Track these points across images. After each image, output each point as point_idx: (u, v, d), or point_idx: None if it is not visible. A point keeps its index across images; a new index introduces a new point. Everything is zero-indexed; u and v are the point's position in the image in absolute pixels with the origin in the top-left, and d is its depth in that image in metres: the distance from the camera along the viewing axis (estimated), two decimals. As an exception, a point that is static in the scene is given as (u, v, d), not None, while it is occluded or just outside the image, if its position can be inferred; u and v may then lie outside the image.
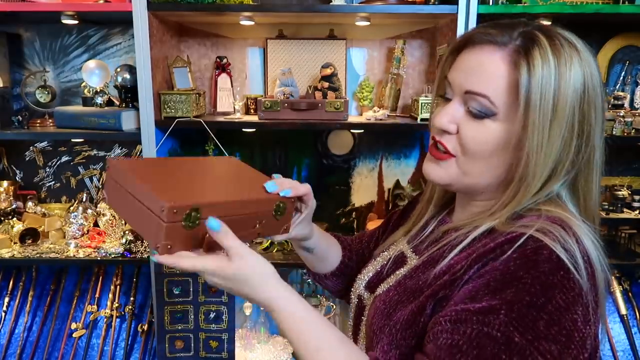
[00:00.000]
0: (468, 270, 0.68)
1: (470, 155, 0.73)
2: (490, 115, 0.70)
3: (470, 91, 0.71)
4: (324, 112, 1.68)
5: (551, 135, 0.68)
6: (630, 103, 1.90)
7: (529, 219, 0.69)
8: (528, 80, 0.67)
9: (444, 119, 0.74)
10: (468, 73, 0.73)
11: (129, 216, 0.76)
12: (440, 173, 0.78)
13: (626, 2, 1.60)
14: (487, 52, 0.71)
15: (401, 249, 0.89)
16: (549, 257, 0.63)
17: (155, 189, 0.69)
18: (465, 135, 0.73)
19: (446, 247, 0.76)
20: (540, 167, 0.69)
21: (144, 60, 1.59)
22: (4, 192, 1.95)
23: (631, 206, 1.90)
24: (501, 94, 0.69)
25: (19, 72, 1.96)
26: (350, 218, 2.05)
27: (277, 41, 1.89)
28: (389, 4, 1.62)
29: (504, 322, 0.61)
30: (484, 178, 0.75)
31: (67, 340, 1.93)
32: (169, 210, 0.65)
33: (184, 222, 0.68)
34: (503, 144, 0.71)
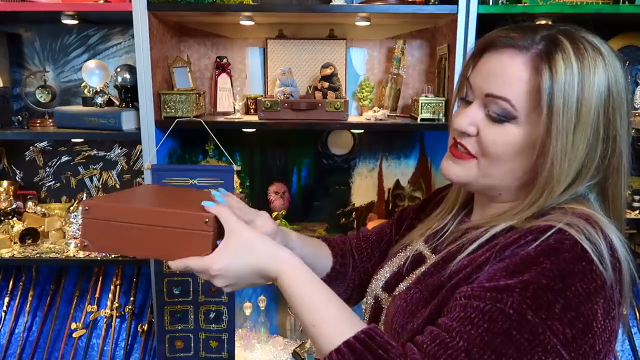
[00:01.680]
0: (491, 257, 0.69)
1: (491, 158, 0.73)
2: (511, 119, 0.70)
3: (490, 94, 0.71)
4: (324, 112, 1.68)
5: (575, 140, 0.67)
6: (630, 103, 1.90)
7: (554, 215, 0.69)
8: (550, 85, 0.66)
9: (464, 121, 0.75)
10: (489, 76, 0.73)
11: (138, 246, 0.77)
12: (458, 172, 0.78)
13: (626, 2, 1.60)
14: (508, 56, 0.71)
15: (419, 249, 0.89)
16: (572, 247, 0.63)
17: (183, 208, 0.76)
18: (486, 138, 0.73)
19: (466, 242, 0.76)
20: (565, 172, 0.68)
21: (144, 60, 1.59)
22: (4, 192, 1.95)
23: (631, 206, 1.89)
24: (522, 98, 0.69)
25: (19, 72, 1.96)
26: (350, 218, 2.05)
27: (277, 41, 1.89)
28: (389, 4, 1.62)
29: (518, 300, 0.61)
30: (505, 181, 0.75)
31: (67, 340, 1.93)
32: (208, 222, 0.73)
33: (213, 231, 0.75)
34: (524, 148, 0.71)
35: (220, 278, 0.73)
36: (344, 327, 0.68)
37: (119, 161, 2.05)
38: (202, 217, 0.73)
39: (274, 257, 0.74)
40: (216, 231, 0.76)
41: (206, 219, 0.72)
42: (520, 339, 0.60)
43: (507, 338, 0.60)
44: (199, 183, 1.57)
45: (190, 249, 0.74)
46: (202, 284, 1.60)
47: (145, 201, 0.82)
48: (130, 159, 2.05)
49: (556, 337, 0.59)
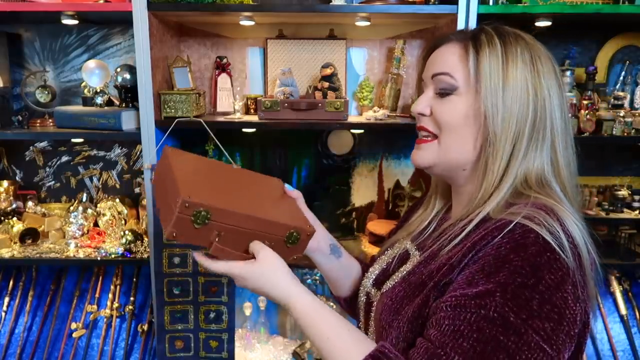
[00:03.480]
0: (464, 258, 0.74)
1: (446, 129, 0.83)
2: (453, 90, 0.82)
3: (435, 73, 0.85)
4: (324, 112, 1.68)
5: (505, 98, 0.78)
6: (630, 103, 1.90)
7: (518, 207, 0.75)
8: (475, 52, 0.80)
9: (419, 104, 0.87)
10: (433, 63, 0.87)
11: (160, 200, 0.86)
12: (423, 155, 0.87)
13: (626, 2, 1.60)
14: (446, 46, 0.86)
15: (405, 247, 0.95)
16: (535, 240, 0.69)
17: (181, 182, 0.79)
18: (439, 112, 0.84)
19: (444, 241, 0.82)
20: (502, 128, 0.78)
21: (144, 60, 1.59)
22: (4, 192, 1.96)
23: (631, 206, 1.90)
24: (458, 69, 0.82)
25: (19, 72, 1.96)
26: (350, 218, 2.05)
27: (277, 41, 1.89)
28: (389, 4, 1.62)
29: (500, 304, 0.66)
30: (463, 153, 0.83)
31: (67, 340, 1.93)
32: (182, 203, 0.75)
33: (192, 218, 0.77)
34: (470, 116, 0.81)
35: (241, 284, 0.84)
36: (353, 351, 0.75)
37: (119, 161, 2.05)
38: (178, 193, 0.77)
39: (285, 292, 0.83)
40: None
41: (178, 198, 0.76)
42: (508, 343, 0.65)
43: (496, 344, 0.65)
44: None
45: (165, 219, 0.80)
46: (202, 284, 1.60)
47: (191, 169, 0.88)
48: (130, 159, 2.05)
49: (538, 335, 0.65)
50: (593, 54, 1.92)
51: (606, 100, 1.82)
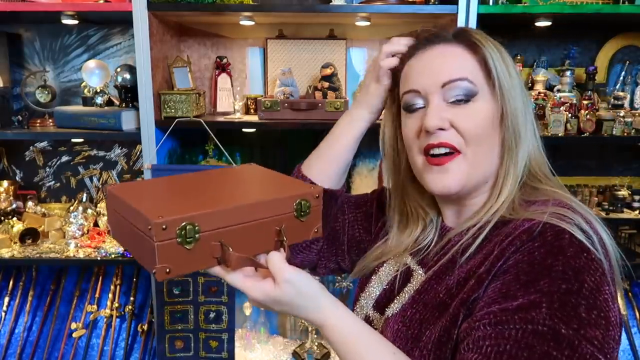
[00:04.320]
0: (492, 268, 0.67)
1: (475, 141, 0.73)
2: (473, 96, 0.73)
3: (448, 81, 0.73)
4: (324, 112, 1.68)
5: (518, 97, 0.74)
6: (630, 103, 1.90)
7: (537, 206, 0.70)
8: (490, 55, 0.74)
9: (435, 118, 0.73)
10: (435, 70, 0.75)
11: (130, 245, 0.69)
12: (452, 177, 0.74)
13: (626, 2, 1.60)
14: (440, 49, 0.77)
15: (406, 263, 0.84)
16: (570, 240, 0.63)
17: (144, 207, 0.62)
18: (460, 123, 0.73)
19: (455, 252, 0.74)
20: (523, 126, 0.74)
21: (144, 60, 1.60)
22: (4, 192, 1.96)
23: (631, 206, 1.90)
24: (475, 73, 0.74)
25: (19, 72, 1.96)
26: (350, 218, 2.05)
27: (277, 41, 1.89)
28: (389, 4, 1.62)
29: (548, 315, 0.59)
30: (490, 163, 0.76)
31: (67, 340, 1.93)
32: (157, 227, 0.58)
33: (179, 239, 0.60)
34: (493, 120, 0.74)
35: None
36: None
37: (119, 161, 2.05)
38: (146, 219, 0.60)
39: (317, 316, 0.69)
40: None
41: (149, 224, 0.59)
42: (562, 358, 0.58)
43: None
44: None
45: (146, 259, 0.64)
46: (202, 283, 1.60)
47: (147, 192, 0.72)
48: (130, 159, 2.05)
49: (592, 345, 0.58)
50: (593, 54, 1.92)
51: (606, 100, 1.83)
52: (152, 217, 0.59)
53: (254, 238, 0.67)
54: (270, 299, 0.66)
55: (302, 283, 0.66)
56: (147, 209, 0.62)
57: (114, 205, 0.70)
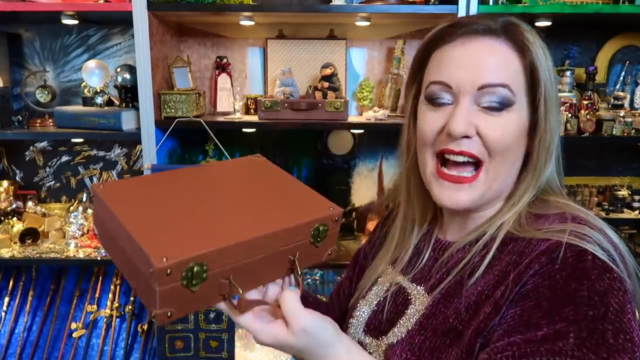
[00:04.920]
0: (509, 293, 0.61)
1: (500, 154, 0.67)
2: (508, 105, 0.66)
3: (487, 84, 0.65)
4: (324, 112, 1.68)
5: (554, 111, 0.68)
6: (630, 103, 1.90)
7: (552, 222, 0.65)
8: (540, 63, 0.66)
9: (463, 123, 0.65)
10: (477, 66, 0.66)
11: (122, 266, 0.59)
12: (465, 194, 0.68)
13: (626, 2, 1.60)
14: (484, 43, 0.68)
15: (398, 282, 0.78)
16: (593, 262, 0.59)
17: (143, 237, 0.52)
18: (489, 134, 0.66)
19: (463, 272, 0.68)
20: (552, 147, 0.69)
21: (144, 60, 1.59)
22: (4, 192, 1.95)
23: (631, 206, 1.90)
24: (517, 81, 0.67)
25: (19, 72, 1.96)
26: (350, 218, 2.05)
27: (277, 41, 1.89)
28: (389, 4, 1.62)
29: (576, 345, 0.55)
30: (509, 177, 0.70)
31: (67, 340, 1.93)
32: (160, 273, 0.49)
33: (184, 282, 0.51)
34: (521, 134, 0.68)
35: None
36: None
37: (119, 161, 2.05)
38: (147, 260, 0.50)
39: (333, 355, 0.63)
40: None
41: (151, 268, 0.50)
42: None
43: None
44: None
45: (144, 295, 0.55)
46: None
47: (140, 202, 0.60)
48: (130, 159, 2.05)
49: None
50: (593, 54, 1.92)
51: (606, 100, 1.83)
52: (155, 257, 0.49)
53: (264, 269, 0.59)
54: (281, 344, 0.60)
55: (318, 332, 0.60)
56: (146, 238, 0.52)
57: (102, 214, 0.59)
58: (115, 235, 0.57)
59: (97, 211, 0.62)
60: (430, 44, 0.72)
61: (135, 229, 0.53)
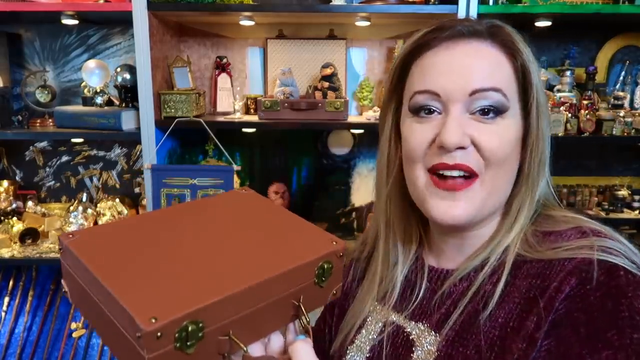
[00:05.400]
0: (542, 323, 0.55)
1: (497, 165, 0.61)
2: (503, 111, 0.61)
3: (479, 89, 0.60)
4: (324, 112, 1.68)
5: (545, 116, 0.64)
6: (630, 103, 1.90)
7: (569, 237, 0.59)
8: (530, 66, 0.63)
9: (456, 134, 0.59)
10: (466, 71, 0.61)
11: (99, 326, 0.49)
12: (463, 207, 0.61)
13: (626, 2, 1.60)
14: (473, 45, 0.62)
15: (393, 321, 0.69)
16: (626, 277, 0.54)
17: (124, 294, 0.44)
18: (486, 142, 0.60)
19: (476, 305, 0.61)
20: (545, 156, 0.64)
21: (144, 60, 1.59)
22: (4, 192, 1.95)
23: (631, 206, 1.90)
24: (509, 85, 0.62)
25: (19, 72, 1.96)
26: (350, 218, 2.05)
27: (277, 41, 1.89)
28: (389, 4, 1.62)
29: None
30: (505, 190, 0.64)
31: (67, 340, 1.93)
32: (149, 337, 0.41)
33: (177, 344, 0.43)
34: (516, 142, 0.63)
35: None
36: None
37: (119, 161, 2.05)
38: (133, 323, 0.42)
39: None
40: None
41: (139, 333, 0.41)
42: None
43: None
44: (199, 183, 1.57)
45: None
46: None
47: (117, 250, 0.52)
48: (130, 159, 2.05)
49: None
50: (593, 54, 1.92)
51: (606, 100, 1.83)
52: (142, 319, 0.41)
53: (266, 319, 0.52)
54: None
55: None
56: (128, 296, 0.43)
57: (73, 268, 0.51)
58: (90, 293, 0.48)
59: (66, 265, 0.53)
60: (410, 54, 0.66)
61: (115, 286, 0.45)
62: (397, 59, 0.68)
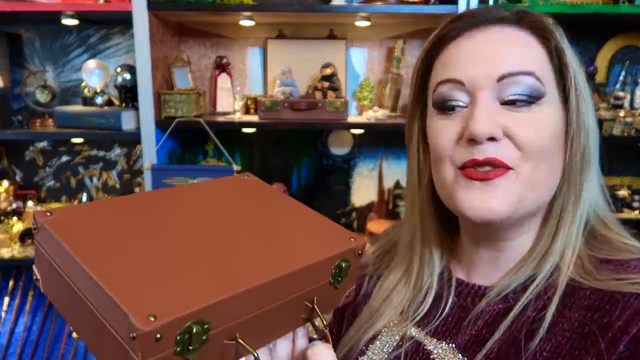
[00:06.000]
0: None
1: (535, 157, 0.53)
2: (538, 98, 0.54)
3: (509, 73, 0.53)
4: (324, 112, 1.68)
5: (590, 110, 0.56)
6: (630, 103, 1.90)
7: (633, 269, 0.52)
8: (565, 46, 0.55)
9: (486, 122, 0.52)
10: (491, 55, 0.55)
11: (77, 321, 0.41)
12: (498, 199, 0.53)
13: (626, 2, 1.60)
14: (497, 30, 0.56)
15: (412, 337, 0.62)
16: None
17: (116, 286, 0.35)
18: (521, 132, 0.53)
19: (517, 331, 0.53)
20: (589, 150, 0.56)
21: (144, 60, 1.59)
22: (4, 192, 1.96)
23: (631, 206, 1.90)
24: (544, 67, 0.55)
25: (19, 72, 1.96)
26: (350, 218, 2.05)
27: (277, 41, 1.89)
28: (389, 4, 1.62)
29: None
30: (547, 189, 0.56)
31: (67, 340, 1.93)
32: (147, 339, 0.33)
33: (178, 348, 0.35)
34: (558, 134, 0.55)
35: None
36: None
37: (119, 161, 2.05)
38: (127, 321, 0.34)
39: None
40: None
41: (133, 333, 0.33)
42: None
43: None
44: (199, 183, 1.57)
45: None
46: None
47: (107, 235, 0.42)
48: (130, 159, 2.05)
49: None
50: (593, 54, 1.92)
51: (606, 100, 1.83)
52: (138, 317, 0.33)
53: (276, 321, 0.45)
54: None
55: None
56: (121, 289, 0.35)
57: (50, 252, 0.42)
58: (70, 283, 0.40)
59: (41, 248, 0.43)
60: (431, 50, 0.60)
61: (103, 275, 0.36)
62: (419, 58, 0.63)
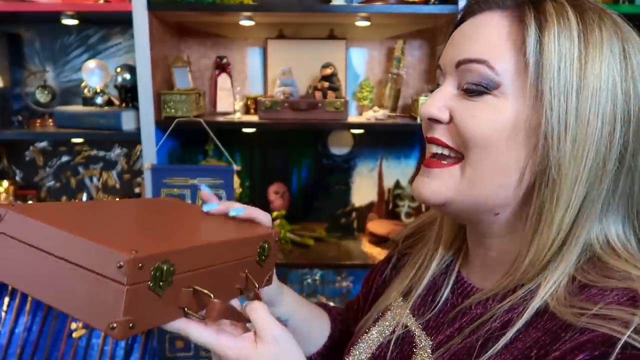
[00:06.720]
0: None
1: (475, 147, 0.52)
2: (492, 87, 0.51)
3: (464, 60, 0.53)
4: (324, 112, 1.68)
5: (581, 106, 0.48)
6: (630, 103, 1.90)
7: (609, 301, 0.46)
8: (537, 28, 0.50)
9: (432, 105, 0.55)
10: (460, 43, 0.55)
11: (44, 289, 0.47)
12: (435, 186, 0.55)
13: (626, 2, 1.60)
14: (484, 16, 0.55)
15: (405, 324, 0.64)
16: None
17: (96, 238, 0.44)
18: (462, 120, 0.53)
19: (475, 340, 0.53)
20: (577, 158, 0.49)
21: (144, 60, 1.59)
22: (4, 192, 1.96)
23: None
24: (503, 56, 0.51)
25: (19, 72, 1.96)
26: (350, 218, 2.06)
27: (277, 41, 1.89)
28: (389, 4, 1.62)
29: None
30: (497, 186, 0.53)
31: (67, 340, 1.93)
32: (132, 265, 0.42)
33: (151, 283, 0.45)
34: (516, 130, 0.51)
35: None
36: None
37: (119, 161, 2.05)
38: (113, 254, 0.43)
39: None
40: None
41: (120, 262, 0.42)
42: None
43: None
44: (199, 183, 1.57)
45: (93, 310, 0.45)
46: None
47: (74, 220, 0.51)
48: (130, 159, 2.05)
49: None
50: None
51: None
52: (123, 250, 0.42)
53: (221, 283, 0.55)
54: (252, 358, 0.51)
55: (290, 341, 0.53)
56: (101, 239, 0.44)
57: (18, 235, 0.47)
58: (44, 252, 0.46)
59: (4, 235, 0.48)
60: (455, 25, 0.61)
61: (83, 234, 0.44)
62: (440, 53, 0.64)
